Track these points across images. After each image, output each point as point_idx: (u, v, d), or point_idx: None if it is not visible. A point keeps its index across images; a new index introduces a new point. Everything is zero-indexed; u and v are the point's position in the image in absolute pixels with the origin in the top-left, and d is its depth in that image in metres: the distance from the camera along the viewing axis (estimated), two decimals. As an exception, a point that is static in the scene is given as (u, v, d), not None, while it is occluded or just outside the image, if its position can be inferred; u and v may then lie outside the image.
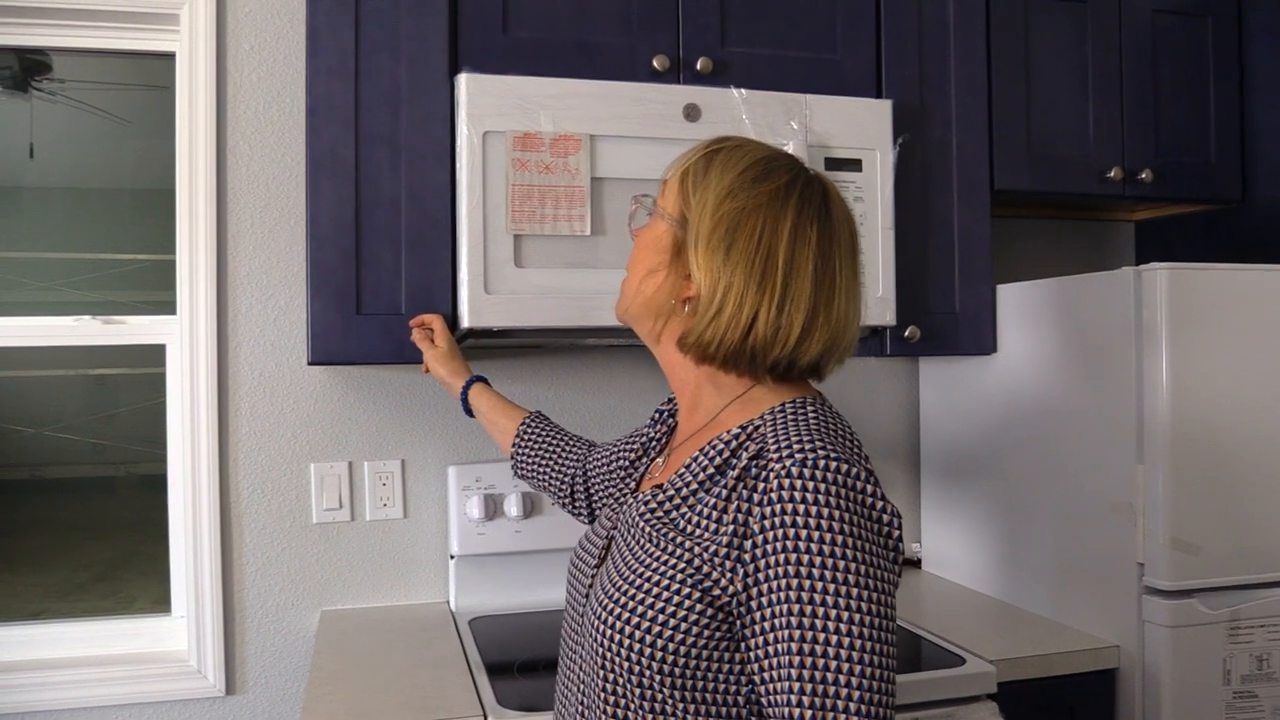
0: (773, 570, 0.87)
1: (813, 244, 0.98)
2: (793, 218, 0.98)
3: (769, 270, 0.96)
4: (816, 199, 1.00)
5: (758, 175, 1.00)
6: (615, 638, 0.95)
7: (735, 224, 0.98)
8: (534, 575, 2.05)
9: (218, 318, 1.95)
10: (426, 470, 2.07)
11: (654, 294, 1.05)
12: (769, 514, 0.88)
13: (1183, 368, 1.64)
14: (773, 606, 0.87)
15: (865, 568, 0.86)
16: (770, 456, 0.91)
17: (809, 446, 0.90)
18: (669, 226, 1.04)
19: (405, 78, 1.69)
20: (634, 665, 0.93)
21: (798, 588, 0.85)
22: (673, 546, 0.95)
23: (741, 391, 1.03)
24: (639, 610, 0.94)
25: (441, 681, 1.60)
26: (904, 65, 1.95)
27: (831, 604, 0.84)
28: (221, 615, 1.95)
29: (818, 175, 1.04)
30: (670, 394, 1.21)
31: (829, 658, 0.83)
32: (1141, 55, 2.15)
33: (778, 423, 0.96)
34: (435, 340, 1.67)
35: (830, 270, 0.98)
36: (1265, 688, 1.67)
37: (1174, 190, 2.19)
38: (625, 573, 0.98)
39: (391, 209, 1.69)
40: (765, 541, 0.88)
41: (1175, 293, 1.64)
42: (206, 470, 1.94)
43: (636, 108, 1.71)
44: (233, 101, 1.95)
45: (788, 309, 0.96)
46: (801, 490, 0.87)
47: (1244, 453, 1.68)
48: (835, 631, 0.84)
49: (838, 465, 0.88)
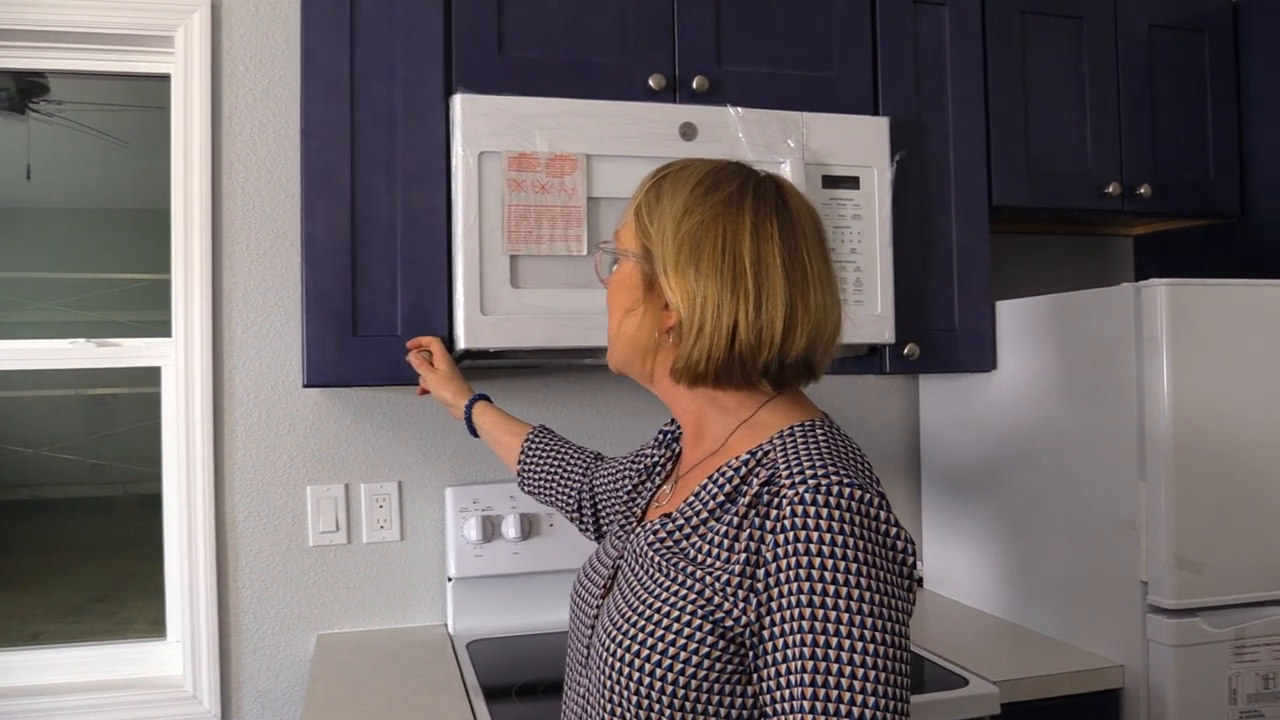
0: (787, 599, 0.86)
1: (776, 239, 0.97)
2: (751, 218, 0.98)
3: (739, 274, 0.96)
4: (771, 196, 1.01)
5: (708, 188, 1.00)
6: (623, 670, 0.93)
7: (697, 239, 0.97)
8: (532, 597, 2.03)
9: (213, 339, 1.94)
10: (424, 492, 2.05)
11: (636, 332, 1.04)
12: (782, 541, 0.87)
13: (1184, 384, 1.63)
14: (786, 636, 0.85)
15: (880, 595, 0.85)
16: (783, 483, 0.90)
17: (822, 472, 0.89)
18: (635, 263, 1.03)
19: (400, 99, 1.69)
20: (642, 699, 0.92)
21: (810, 616, 0.84)
22: (683, 577, 0.94)
23: (747, 415, 1.02)
24: (648, 643, 0.92)
25: (439, 706, 1.58)
26: (901, 82, 1.95)
27: (846, 633, 0.83)
28: (217, 640, 1.94)
29: (769, 175, 1.04)
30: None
31: (843, 689, 0.82)
32: (1138, 71, 2.15)
33: (788, 447, 0.95)
34: (435, 363, 1.66)
35: (799, 261, 0.98)
36: (1272, 707, 1.66)
37: (1172, 205, 2.18)
38: (634, 603, 0.97)
39: (387, 230, 1.69)
40: (779, 570, 0.86)
41: (1175, 308, 1.63)
42: (202, 493, 1.92)
43: (632, 127, 1.70)
44: (228, 123, 1.95)
45: (765, 307, 0.96)
46: (815, 517, 0.86)
47: (1247, 469, 1.67)
48: (850, 662, 0.83)
49: (850, 491, 0.87)
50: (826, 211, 1.80)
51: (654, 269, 1.00)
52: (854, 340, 1.81)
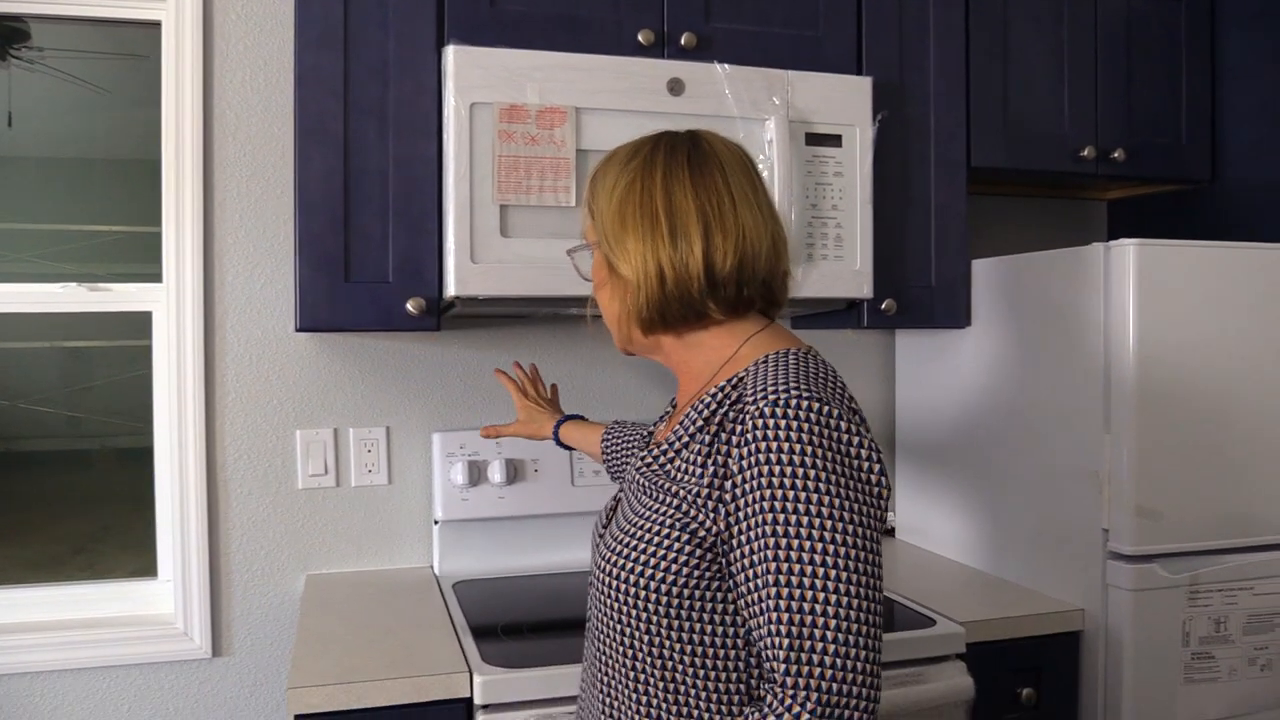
0: (751, 507, 0.92)
1: (687, 179, 1.05)
2: (662, 169, 1.06)
3: (655, 220, 1.04)
4: (683, 145, 1.08)
5: (626, 158, 1.09)
6: (616, 586, 1.02)
7: (622, 205, 1.06)
8: (516, 540, 2.09)
9: (204, 285, 1.96)
10: (411, 437, 2.10)
11: (608, 307, 1.13)
12: (745, 454, 0.93)
13: (1149, 340, 1.70)
14: (752, 542, 0.92)
15: (841, 500, 0.90)
16: (747, 401, 0.96)
17: (783, 388, 0.94)
18: (597, 250, 1.12)
19: (394, 49, 1.71)
20: (636, 610, 1.00)
21: (772, 521, 0.90)
22: (664, 495, 1.02)
23: (730, 353, 1.08)
24: (632, 556, 1.00)
25: (427, 641, 1.63)
26: (884, 43, 1.98)
27: (806, 535, 0.89)
28: (208, 579, 1.98)
29: (688, 130, 1.11)
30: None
31: (804, 587, 0.88)
32: (1116, 38, 2.19)
33: (759, 372, 1.00)
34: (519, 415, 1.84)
35: (714, 190, 1.04)
36: (1222, 649, 1.74)
37: (1145, 170, 2.24)
38: (624, 523, 1.06)
39: (379, 179, 1.72)
40: (744, 480, 0.93)
41: (1142, 267, 1.69)
42: (193, 436, 1.96)
43: (621, 81, 1.74)
44: (219, 70, 1.97)
45: (680, 243, 1.03)
46: (774, 428, 0.92)
47: (1206, 424, 1.74)
48: (810, 563, 0.88)
49: (809, 404, 0.93)
50: (809, 168, 1.84)
51: (604, 248, 1.09)
52: (833, 294, 1.86)
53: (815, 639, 0.87)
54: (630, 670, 1.03)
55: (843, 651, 0.87)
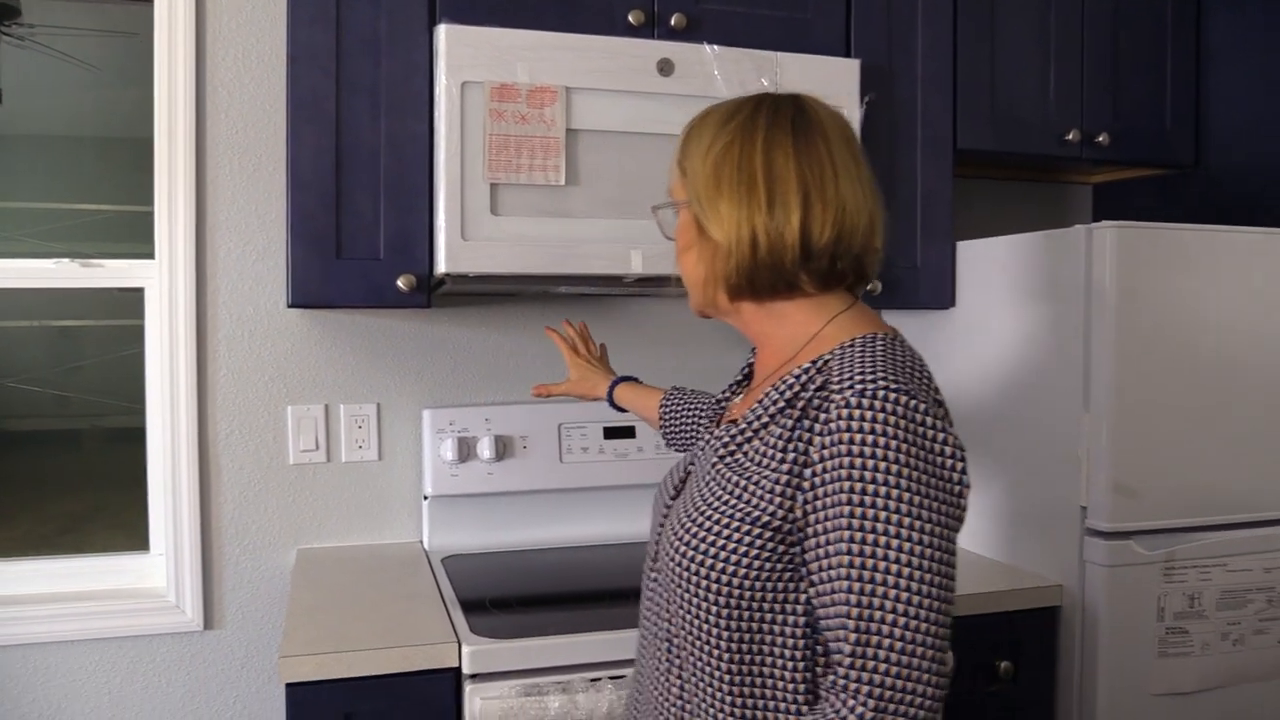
0: (830, 498, 0.91)
1: (789, 145, 1.01)
2: (764, 133, 1.02)
3: (753, 185, 1.01)
4: (787, 108, 1.04)
5: (725, 118, 1.05)
6: (684, 575, 1.01)
7: (718, 167, 1.03)
8: (505, 516, 2.11)
9: (196, 261, 1.98)
10: (401, 413, 2.12)
11: (694, 269, 1.09)
12: (828, 443, 0.91)
13: (1128, 321, 1.72)
14: (829, 534, 0.90)
15: (921, 498, 0.89)
16: (832, 388, 0.94)
17: (870, 377, 0.92)
18: (685, 210, 1.08)
19: (385, 27, 1.72)
20: (703, 599, 0.99)
21: (850, 515, 0.89)
22: (742, 481, 0.99)
23: (815, 330, 1.05)
24: (704, 549, 0.99)
25: (416, 613, 1.66)
26: (872, 26, 2.00)
27: (882, 531, 0.87)
28: (200, 552, 2.00)
29: (790, 94, 1.07)
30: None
31: (877, 583, 0.87)
32: (1102, 22, 2.21)
33: (845, 356, 0.98)
34: (569, 377, 1.79)
35: (816, 160, 1.01)
36: (1196, 624, 1.78)
37: (1130, 154, 2.26)
38: (693, 513, 1.03)
39: (371, 156, 1.73)
40: (824, 470, 0.91)
41: (1123, 250, 1.72)
42: (185, 411, 1.98)
43: (611, 61, 1.75)
44: (212, 48, 1.97)
45: (777, 211, 1.00)
46: (860, 420, 0.90)
47: (1183, 404, 1.77)
48: (884, 559, 0.87)
49: (897, 397, 0.91)
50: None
51: (695, 208, 1.05)
52: (820, 275, 1.88)
53: (881, 635, 0.87)
54: (701, 653, 1.01)
55: (908, 650, 0.86)
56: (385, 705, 1.50)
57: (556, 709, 1.50)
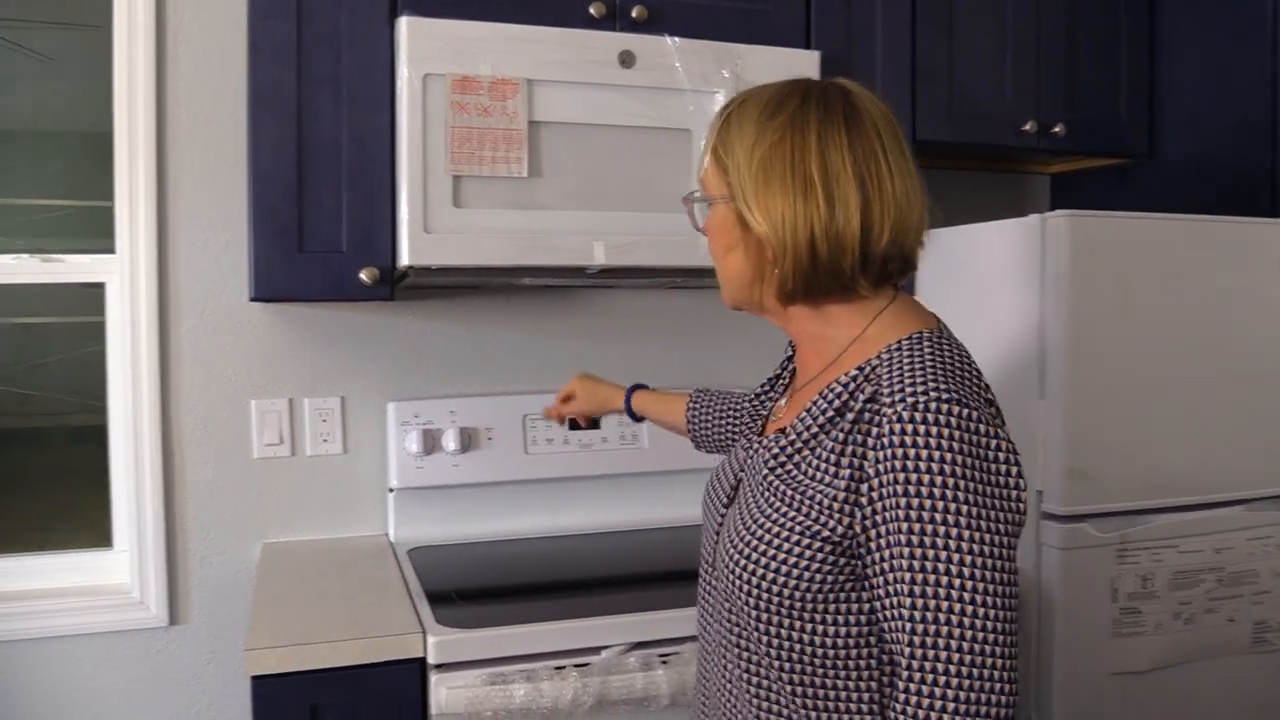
0: (888, 514, 0.90)
1: (843, 144, 0.98)
2: (816, 129, 0.99)
3: (809, 185, 0.97)
4: (836, 102, 1.01)
5: (771, 111, 1.01)
6: (742, 587, 1.00)
7: (768, 164, 0.99)
8: (470, 507, 2.12)
9: (158, 256, 1.97)
10: (365, 406, 2.12)
11: (740, 268, 1.05)
12: (883, 459, 0.90)
13: (1083, 309, 1.76)
14: (890, 549, 0.90)
15: (978, 509, 0.87)
16: (884, 400, 0.92)
17: (921, 389, 0.91)
18: (725, 205, 1.04)
19: (346, 19, 1.72)
20: (761, 611, 0.99)
21: (909, 531, 0.88)
22: (796, 497, 0.98)
23: (858, 331, 1.03)
24: (763, 563, 0.97)
25: (382, 605, 1.67)
26: (832, 18, 2.02)
27: (943, 546, 0.86)
28: (164, 548, 1.99)
29: (832, 82, 1.05)
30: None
31: (939, 598, 0.86)
32: (1058, 15, 2.24)
33: (893, 362, 0.96)
34: (575, 396, 1.72)
35: (871, 156, 0.98)
36: (1148, 604, 1.82)
37: (1085, 144, 2.30)
38: (751, 523, 1.02)
39: (333, 149, 1.73)
40: (881, 485, 0.90)
41: (1077, 238, 1.75)
42: (148, 405, 1.97)
43: (573, 54, 1.76)
44: (173, 40, 1.96)
45: (838, 211, 0.97)
46: (913, 435, 0.88)
47: (1136, 390, 1.81)
48: (946, 573, 0.86)
49: (950, 407, 0.89)
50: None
51: (739, 205, 1.01)
52: (781, 265, 1.90)
53: (950, 650, 0.86)
54: (774, 661, 1.00)
55: (976, 663, 0.86)
56: (351, 697, 1.51)
57: (522, 697, 1.51)
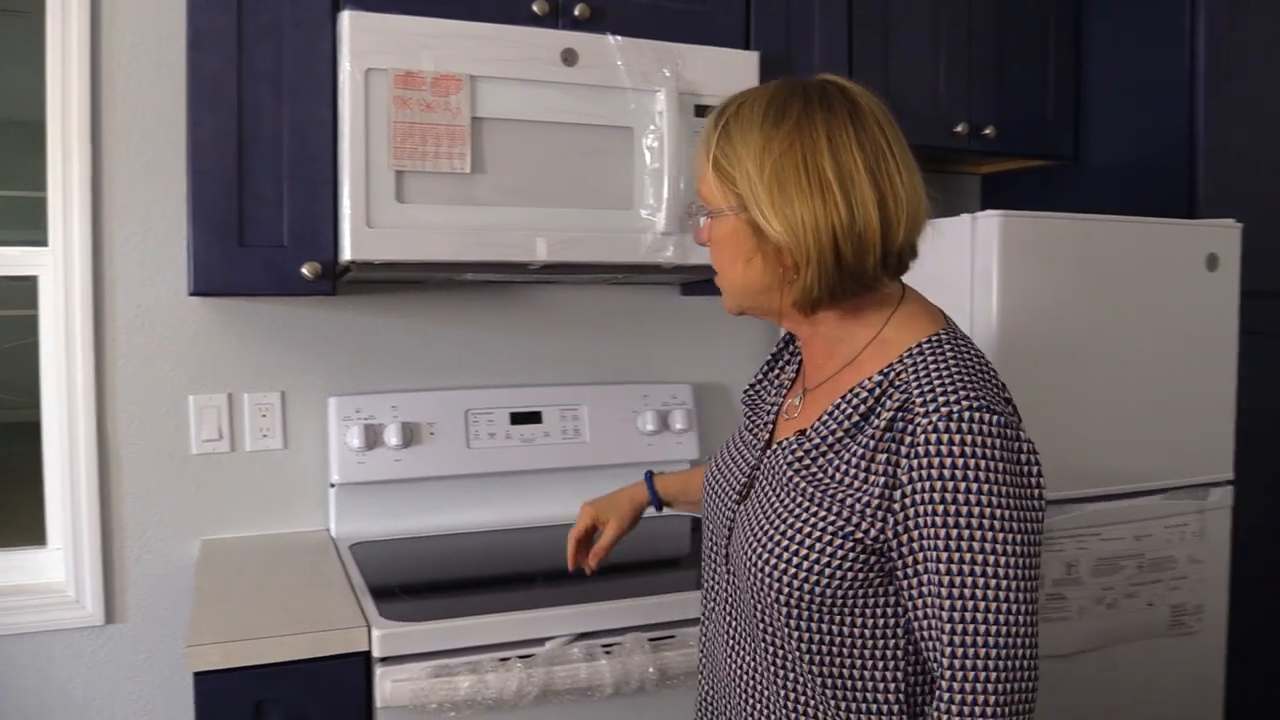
0: (923, 520, 0.91)
1: (852, 144, 0.99)
2: (825, 130, 0.99)
3: (825, 189, 0.97)
4: (838, 100, 1.02)
5: (776, 117, 1.01)
6: (769, 583, 1.01)
7: (780, 172, 0.99)
8: (413, 502, 2.12)
9: (93, 249, 1.93)
10: (306, 402, 2.11)
11: (760, 277, 1.05)
12: (916, 466, 0.92)
13: (1010, 306, 1.82)
14: (923, 553, 0.92)
15: (1011, 513, 0.90)
16: (916, 410, 0.94)
17: (954, 397, 0.93)
18: (735, 216, 1.04)
19: (288, 12, 1.72)
20: (788, 606, 1.00)
21: (945, 536, 0.90)
22: (824, 498, 0.99)
23: (874, 332, 1.05)
24: (793, 561, 0.99)
25: (326, 600, 1.67)
26: (771, 19, 2.06)
27: (979, 549, 0.89)
28: (100, 545, 1.97)
29: (827, 81, 1.05)
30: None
31: (976, 600, 0.89)
32: (989, 20, 2.31)
33: (919, 368, 0.98)
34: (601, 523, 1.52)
35: (879, 152, 1.00)
36: (1073, 590, 1.89)
37: (1015, 146, 2.37)
38: (776, 522, 1.03)
39: (274, 142, 1.72)
40: (915, 492, 0.92)
41: (1006, 238, 1.81)
42: (83, 401, 1.94)
43: (516, 50, 1.77)
44: (108, 28, 1.93)
45: (857, 211, 0.97)
46: (949, 444, 0.91)
47: (1061, 384, 1.87)
48: (982, 575, 0.89)
49: (981, 415, 0.92)
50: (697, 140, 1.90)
51: (754, 214, 1.01)
52: (721, 262, 1.93)
53: (990, 648, 0.89)
54: (801, 656, 1.02)
55: (1015, 655, 0.89)
56: (296, 691, 1.51)
57: (467, 689, 1.53)
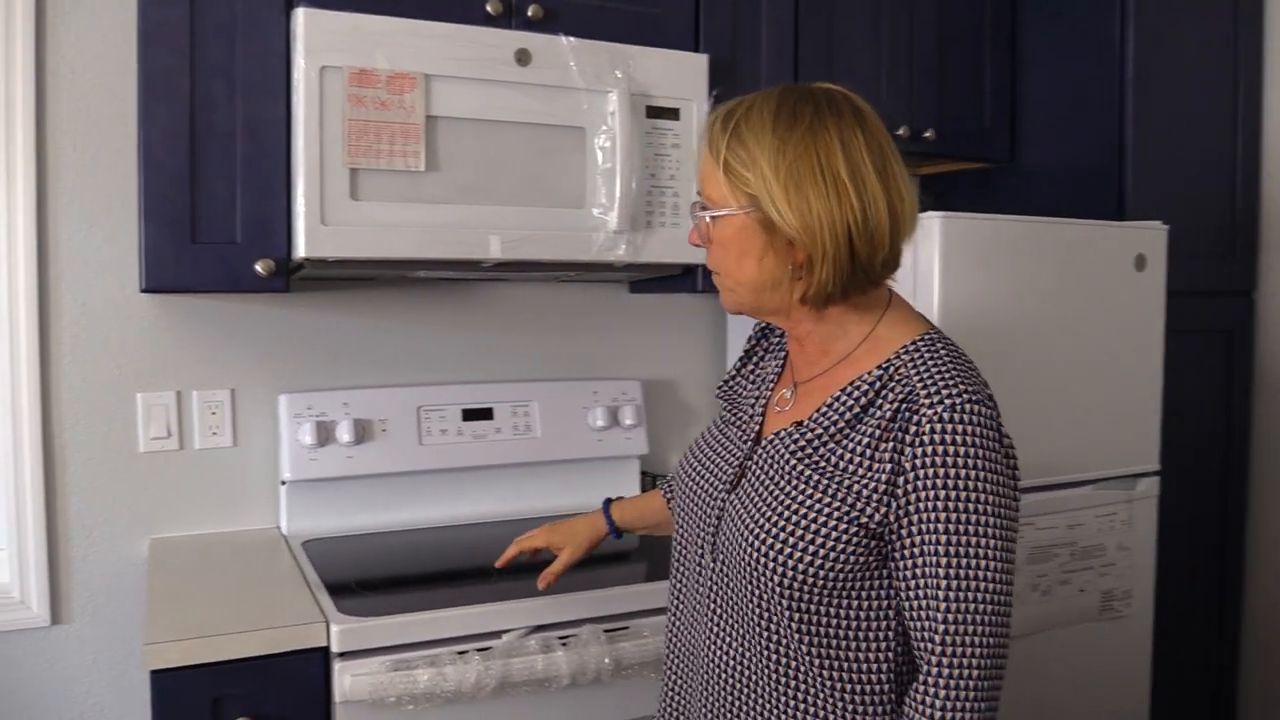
0: (925, 504, 0.99)
1: (862, 148, 1.04)
2: (837, 135, 1.04)
3: (840, 189, 1.03)
4: (843, 104, 1.07)
5: (789, 121, 1.05)
6: (768, 566, 1.06)
7: (796, 172, 1.03)
8: (366, 499, 2.12)
9: (38, 245, 1.91)
10: (256, 399, 2.10)
11: (771, 274, 1.09)
12: (921, 454, 1.00)
13: (951, 304, 1.88)
14: (923, 535, 0.99)
15: (998, 499, 1.00)
16: (921, 401, 1.01)
17: (954, 391, 1.02)
18: (745, 214, 1.07)
19: (242, 8, 1.71)
20: (786, 587, 1.05)
21: (945, 519, 0.98)
22: (829, 485, 1.05)
23: (868, 330, 1.11)
24: (794, 544, 1.04)
25: (281, 596, 1.67)
26: (719, 22, 2.10)
27: (973, 533, 0.98)
28: (45, 546, 1.94)
29: (828, 89, 1.10)
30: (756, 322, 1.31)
31: (972, 578, 0.97)
32: (929, 26, 2.38)
33: (917, 364, 1.06)
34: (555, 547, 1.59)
35: (882, 155, 1.06)
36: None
37: (953, 149, 2.45)
38: (777, 506, 1.08)
39: (227, 139, 1.72)
40: (918, 478, 1.00)
41: (947, 238, 1.87)
42: (27, 401, 1.91)
43: (470, 50, 1.79)
44: (53, 20, 1.90)
45: (870, 213, 1.03)
46: (952, 434, 0.99)
47: (997, 380, 1.92)
48: (977, 556, 0.98)
49: (979, 408, 1.01)
50: (649, 140, 1.94)
51: (769, 211, 1.05)
52: (671, 260, 1.97)
53: (979, 624, 0.97)
54: (773, 646, 1.09)
55: (997, 633, 0.98)
56: (255, 688, 1.51)
57: (426, 682, 1.54)
